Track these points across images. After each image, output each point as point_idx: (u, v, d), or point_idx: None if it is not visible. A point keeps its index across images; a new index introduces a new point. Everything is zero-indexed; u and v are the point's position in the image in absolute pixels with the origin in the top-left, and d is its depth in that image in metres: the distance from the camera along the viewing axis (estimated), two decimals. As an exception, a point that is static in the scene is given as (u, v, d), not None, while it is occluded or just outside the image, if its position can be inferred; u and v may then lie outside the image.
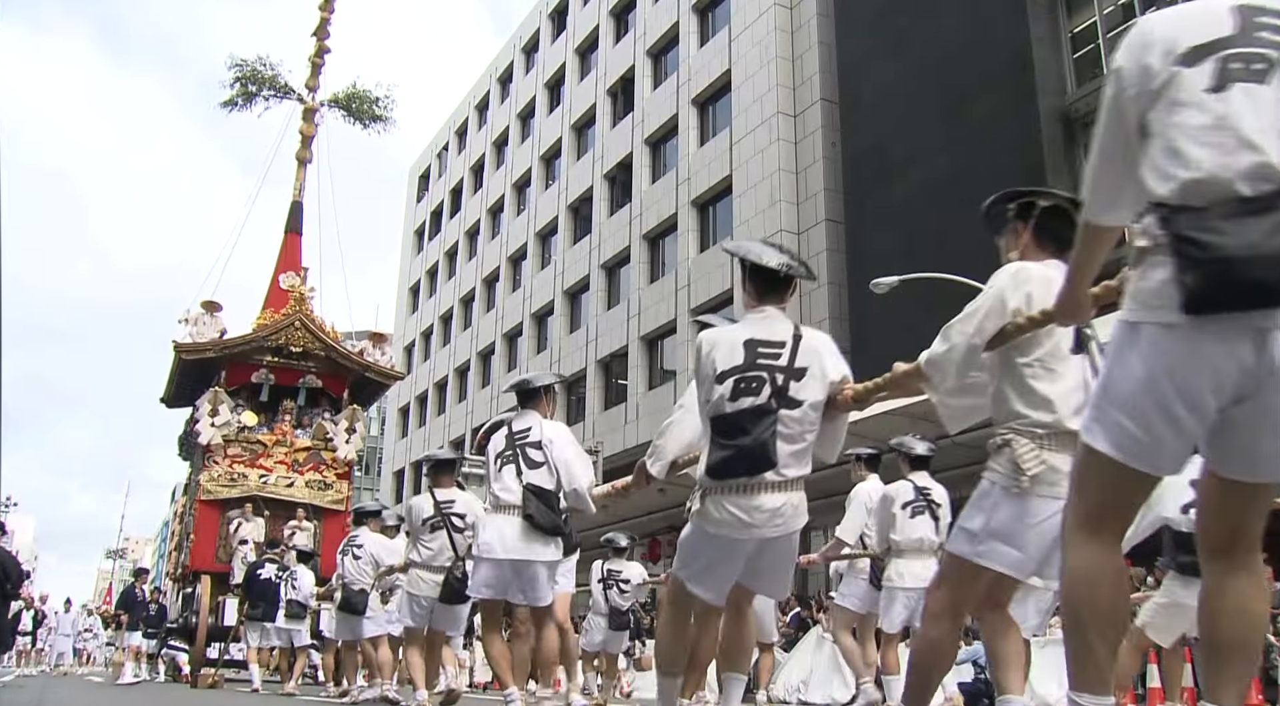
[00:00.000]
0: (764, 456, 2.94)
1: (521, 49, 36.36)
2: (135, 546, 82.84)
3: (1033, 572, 2.71)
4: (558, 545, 4.79)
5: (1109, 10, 16.26)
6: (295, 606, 10.38)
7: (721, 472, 2.99)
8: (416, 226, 43.89)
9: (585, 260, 29.16)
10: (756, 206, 22.25)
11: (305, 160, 17.48)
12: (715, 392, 3.02)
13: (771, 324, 3.13)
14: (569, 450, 4.88)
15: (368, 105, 18.49)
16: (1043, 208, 2.81)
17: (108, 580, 72.17)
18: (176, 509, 55.39)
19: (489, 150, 37.60)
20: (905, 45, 18.86)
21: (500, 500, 4.75)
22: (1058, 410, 2.57)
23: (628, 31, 29.50)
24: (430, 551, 6.12)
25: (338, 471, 14.67)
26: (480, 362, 35.40)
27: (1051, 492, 2.51)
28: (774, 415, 2.95)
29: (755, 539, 3.02)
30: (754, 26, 23.63)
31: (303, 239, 16.82)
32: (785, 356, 3.03)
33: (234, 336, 14.55)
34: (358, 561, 8.06)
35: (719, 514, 3.00)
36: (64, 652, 21.19)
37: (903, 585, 5.56)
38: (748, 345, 3.05)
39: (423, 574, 6.12)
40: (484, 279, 36.24)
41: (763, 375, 2.99)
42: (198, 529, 13.83)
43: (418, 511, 6.21)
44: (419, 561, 6.16)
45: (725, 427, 2.99)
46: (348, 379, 15.20)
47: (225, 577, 13.05)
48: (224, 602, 12.63)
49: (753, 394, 2.98)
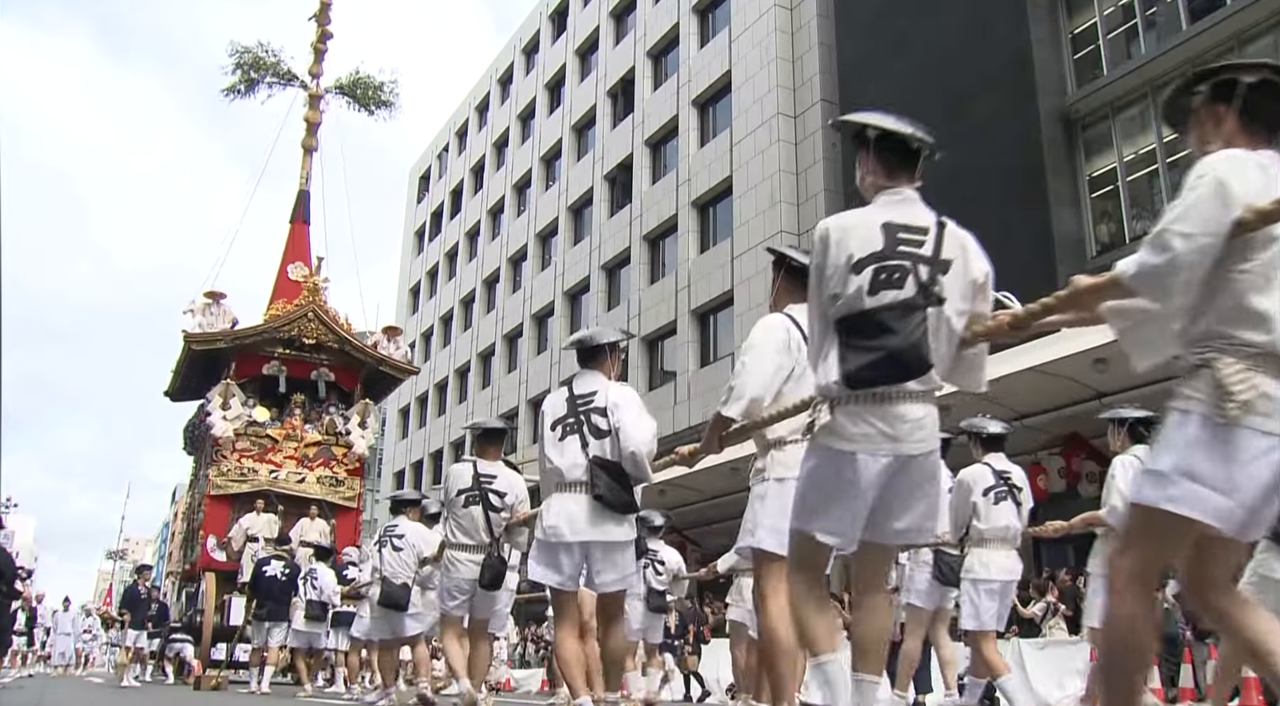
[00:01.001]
0: (918, 359, 2.49)
1: (522, 50, 36.37)
2: (135, 547, 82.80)
3: (1244, 524, 2.07)
4: (631, 524, 4.31)
5: (1109, 11, 16.26)
6: (316, 607, 9.96)
7: (863, 379, 2.50)
8: (417, 227, 43.91)
9: (585, 261, 29.16)
10: (757, 207, 22.25)
11: (311, 148, 17.29)
12: (850, 285, 2.52)
13: (910, 206, 2.65)
14: (630, 412, 4.31)
15: (372, 91, 18.25)
16: (1249, 84, 2.22)
17: (108, 581, 72.14)
18: (177, 509, 55.28)
19: (489, 151, 37.61)
20: (905, 46, 18.85)
21: (564, 477, 4.24)
22: (1274, 329, 2.08)
23: (628, 33, 29.50)
24: (464, 528, 5.60)
25: (349, 467, 14.37)
26: (480, 364, 35.40)
27: (1265, 426, 2.03)
28: (922, 312, 2.50)
29: (896, 456, 2.53)
30: (754, 28, 23.63)
31: (310, 228, 16.55)
32: (929, 244, 2.56)
33: (245, 327, 14.20)
34: (398, 553, 7.35)
35: (855, 427, 2.52)
36: (64, 653, 20.96)
37: (987, 577, 5.16)
38: (887, 229, 2.57)
39: (459, 555, 5.62)
40: (484, 280, 36.25)
41: (906, 264, 2.53)
42: (207, 525, 13.50)
43: (455, 480, 5.68)
44: (454, 540, 5.65)
45: (864, 327, 2.51)
46: (361, 373, 14.88)
47: (233, 576, 12.76)
48: (230, 601, 12.37)
49: (895, 286, 2.51)
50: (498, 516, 5.56)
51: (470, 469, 5.65)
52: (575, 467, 4.23)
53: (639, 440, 4.23)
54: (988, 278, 2.63)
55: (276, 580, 10.50)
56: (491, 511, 5.56)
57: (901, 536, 2.68)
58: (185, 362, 14.53)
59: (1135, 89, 15.29)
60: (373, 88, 18.19)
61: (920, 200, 2.67)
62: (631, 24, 29.40)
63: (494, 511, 5.57)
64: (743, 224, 22.55)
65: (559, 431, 4.34)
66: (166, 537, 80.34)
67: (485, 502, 5.56)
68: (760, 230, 21.84)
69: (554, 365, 29.39)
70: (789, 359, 3.32)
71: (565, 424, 4.34)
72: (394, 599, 7.33)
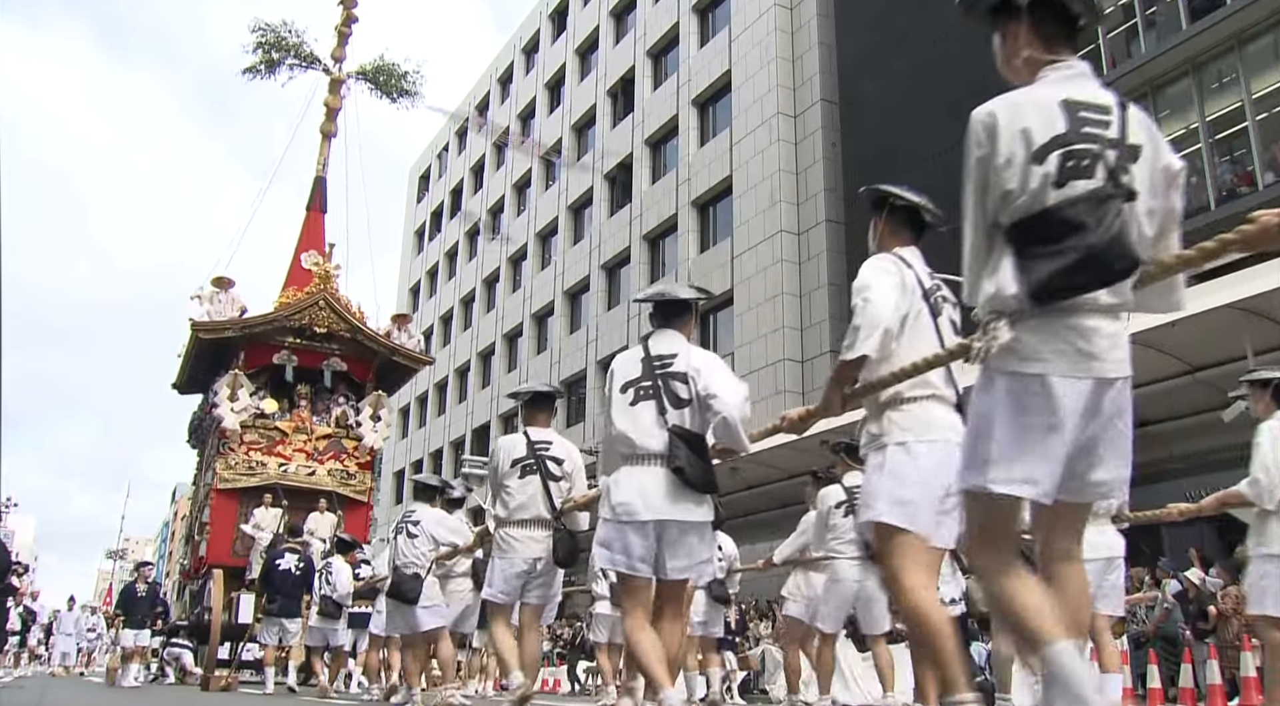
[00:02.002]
0: (1123, 255, 1.99)
1: (522, 49, 36.38)
2: (135, 547, 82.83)
3: None
4: (710, 505, 3.84)
5: (1109, 10, 16.26)
6: (330, 604, 9.35)
7: (1059, 287, 1.99)
8: (417, 227, 43.94)
9: (585, 261, 29.17)
10: (757, 207, 22.25)
11: (330, 133, 16.64)
12: (1032, 177, 2.04)
13: (1087, 81, 2.17)
14: (719, 375, 3.82)
15: (396, 79, 17.59)
16: None
17: (108, 580, 72.13)
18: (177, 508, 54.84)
19: (489, 151, 37.62)
20: (905, 45, 18.86)
21: (635, 447, 3.76)
22: None
23: (628, 32, 29.51)
24: (519, 501, 5.00)
25: (359, 461, 13.90)
26: (480, 363, 35.42)
27: None
28: (1118, 202, 2.01)
29: (1093, 378, 2.04)
30: (754, 27, 23.64)
31: (325, 216, 15.98)
32: (1115, 126, 2.09)
33: (254, 315, 13.68)
34: (413, 539, 6.86)
35: (1046, 344, 2.03)
36: (68, 652, 20.38)
37: None
38: (1068, 107, 2.09)
39: (514, 533, 5.02)
40: (484, 279, 36.27)
41: (1093, 148, 2.05)
42: (214, 520, 12.98)
43: (506, 452, 5.09)
44: (504, 515, 5.06)
45: (1051, 226, 2.01)
46: (373, 363, 14.38)
47: (241, 572, 12.35)
48: (238, 598, 11.92)
49: (1085, 175, 2.03)
50: (557, 486, 5.03)
51: (523, 438, 5.12)
52: (649, 437, 3.74)
53: (733, 404, 3.73)
54: (1182, 170, 2.19)
55: (290, 574, 9.98)
56: (551, 481, 5.01)
57: (1098, 490, 2.17)
58: (193, 352, 14.01)
59: (1136, 88, 15.28)
60: (397, 75, 17.59)
61: (1094, 76, 2.20)
62: (631, 23, 29.41)
63: (553, 480, 5.03)
64: (743, 223, 22.56)
65: (631, 395, 3.83)
66: (166, 537, 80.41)
67: (544, 471, 5.02)
68: (760, 230, 21.85)
69: (554, 364, 29.41)
70: (905, 300, 2.92)
71: (639, 387, 3.83)
72: (402, 590, 6.80)
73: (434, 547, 6.83)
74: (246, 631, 11.82)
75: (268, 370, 13.86)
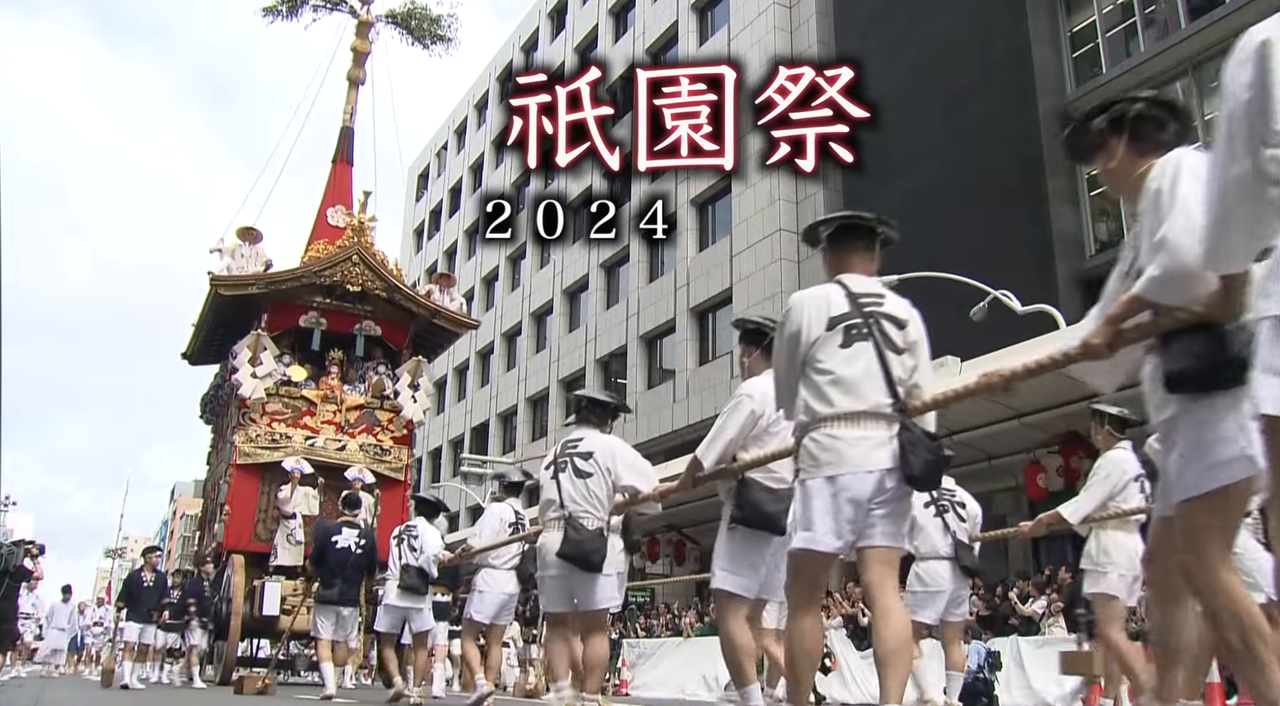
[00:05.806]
0: None
1: (521, 48, 36.36)
2: (135, 545, 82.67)
3: None
4: None
5: (1108, 9, 16.26)
6: (414, 574, 7.29)
7: None
8: (415, 225, 43.93)
9: (584, 259, 29.17)
10: (756, 205, 22.26)
11: (358, 80, 15.07)
12: None
13: None
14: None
15: (429, 23, 16.12)
16: None
17: (106, 579, 72.09)
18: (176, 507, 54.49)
19: (488, 149, 37.61)
20: (904, 44, 18.85)
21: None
22: None
23: (627, 30, 29.51)
24: (850, 376, 3.48)
25: (395, 435, 12.52)
26: (479, 361, 35.44)
27: None
28: None
29: None
30: (753, 25, 23.63)
31: (354, 169, 14.68)
32: None
33: (280, 270, 12.22)
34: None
35: None
36: (58, 650, 18.17)
37: None
38: None
39: (842, 431, 3.54)
40: (483, 278, 36.28)
41: None
42: (233, 500, 11.56)
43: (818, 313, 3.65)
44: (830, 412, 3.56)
45: None
46: (410, 326, 12.95)
47: (264, 558, 11.09)
48: (262, 587, 10.60)
49: None
50: None
51: (840, 290, 3.53)
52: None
53: None
54: None
55: (349, 553, 8.05)
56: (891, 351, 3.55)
57: None
58: (210, 313, 12.55)
59: (1134, 87, 15.27)
60: (429, 19, 16.11)
61: None
62: (630, 22, 29.41)
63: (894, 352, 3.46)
64: (742, 221, 22.57)
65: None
66: (165, 535, 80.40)
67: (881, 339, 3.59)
68: (759, 228, 21.87)
69: (553, 363, 29.44)
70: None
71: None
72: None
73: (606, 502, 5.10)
74: (273, 624, 10.57)
75: (293, 334, 12.45)
